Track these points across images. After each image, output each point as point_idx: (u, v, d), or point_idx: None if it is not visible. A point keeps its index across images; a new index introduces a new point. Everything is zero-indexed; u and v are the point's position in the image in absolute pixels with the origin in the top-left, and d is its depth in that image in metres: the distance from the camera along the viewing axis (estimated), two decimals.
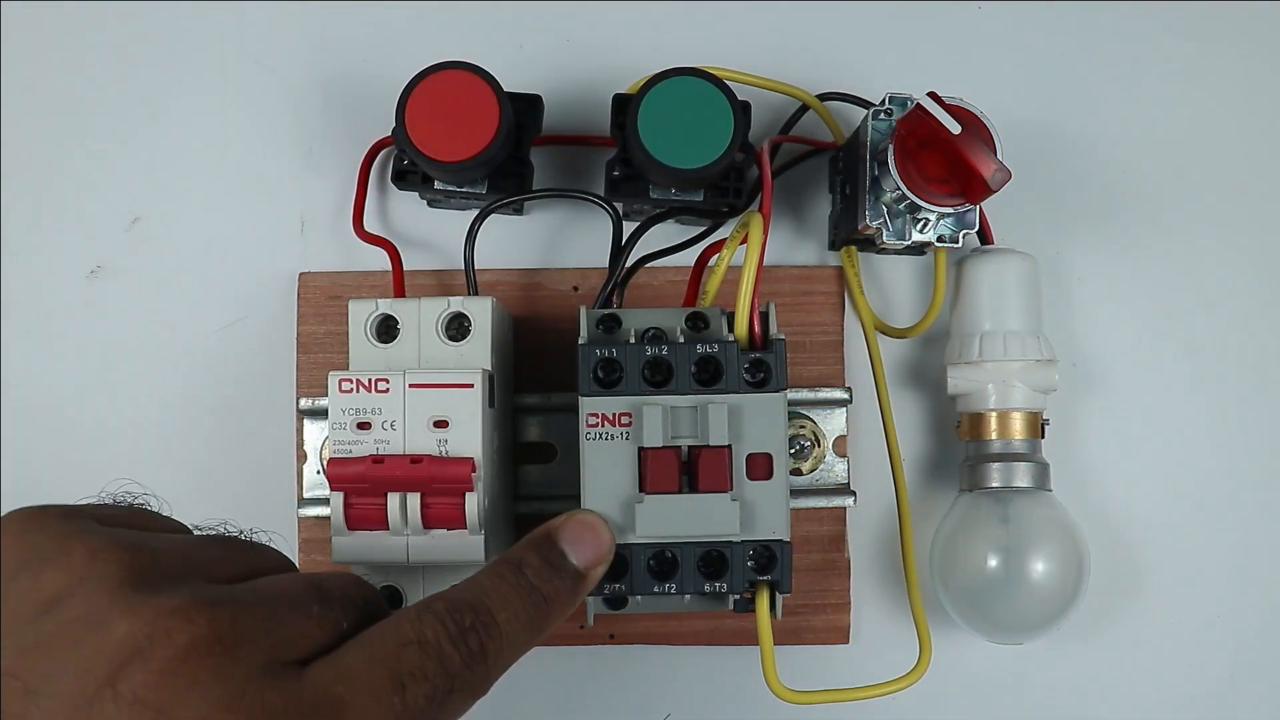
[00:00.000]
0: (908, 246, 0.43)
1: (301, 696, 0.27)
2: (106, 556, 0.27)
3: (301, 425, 0.45)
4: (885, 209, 0.42)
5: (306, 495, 0.45)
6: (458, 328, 0.41)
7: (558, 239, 0.48)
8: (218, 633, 0.27)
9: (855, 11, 0.49)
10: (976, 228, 0.42)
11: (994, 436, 0.45)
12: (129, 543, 0.28)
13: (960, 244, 0.42)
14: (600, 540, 0.36)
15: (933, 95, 0.39)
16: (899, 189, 0.40)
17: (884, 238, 0.42)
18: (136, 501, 0.32)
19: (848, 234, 0.45)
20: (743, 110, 0.42)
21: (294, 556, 0.46)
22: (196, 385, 0.47)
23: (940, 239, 0.42)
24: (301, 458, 0.45)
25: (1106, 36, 0.49)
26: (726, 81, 0.42)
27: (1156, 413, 0.48)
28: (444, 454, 0.38)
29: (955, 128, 0.38)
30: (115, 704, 0.26)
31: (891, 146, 0.40)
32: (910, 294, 0.48)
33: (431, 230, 0.48)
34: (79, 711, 0.26)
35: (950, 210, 0.41)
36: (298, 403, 0.45)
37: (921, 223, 0.42)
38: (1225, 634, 0.48)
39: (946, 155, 0.39)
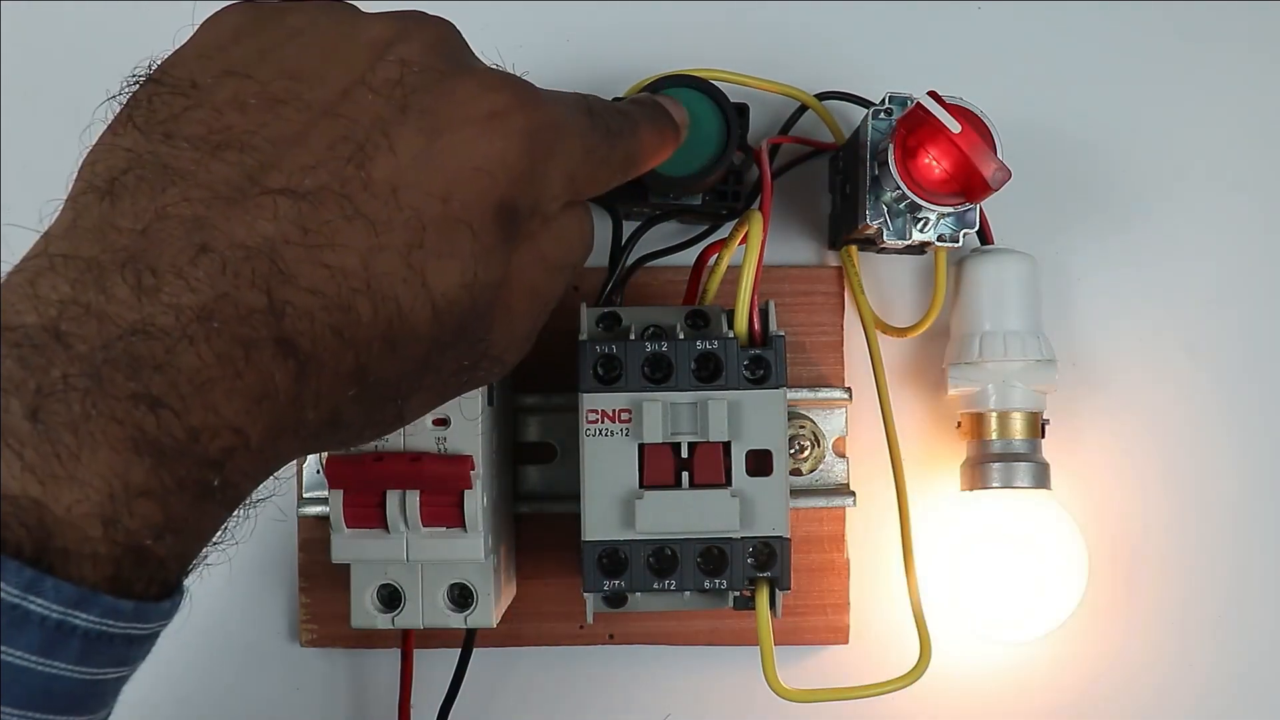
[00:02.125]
0: (908, 246, 0.43)
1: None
2: None
3: None
4: (886, 209, 0.42)
5: (306, 495, 0.45)
6: None
7: None
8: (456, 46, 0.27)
9: (854, 12, 0.49)
10: (977, 227, 0.42)
11: (994, 436, 0.45)
12: None
13: (961, 243, 0.42)
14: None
15: (933, 94, 0.39)
16: (899, 188, 0.40)
17: (885, 237, 0.42)
18: None
19: (848, 234, 0.45)
20: (740, 114, 0.42)
21: (294, 557, 0.46)
22: None
23: (941, 238, 0.42)
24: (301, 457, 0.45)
25: (1106, 36, 0.49)
26: (724, 82, 0.42)
27: (1156, 412, 0.48)
28: (443, 452, 0.38)
29: (955, 127, 0.38)
30: (372, 93, 0.25)
31: (892, 146, 0.40)
32: (910, 293, 0.48)
33: None
34: (327, 113, 0.24)
35: (951, 210, 0.41)
36: None
37: (922, 222, 0.42)
38: (1225, 634, 0.47)
39: (947, 155, 0.39)
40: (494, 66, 0.29)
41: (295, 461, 0.46)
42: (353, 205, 0.24)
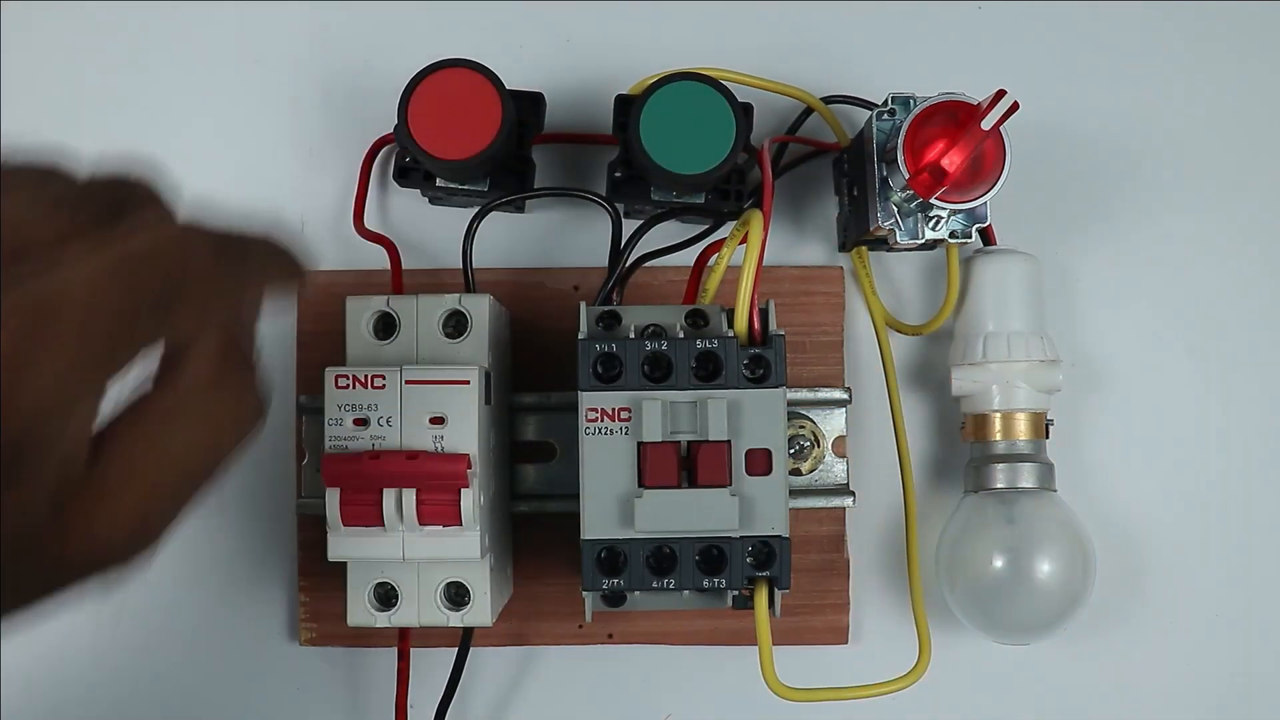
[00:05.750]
0: (921, 244, 0.43)
1: None
2: None
3: (301, 423, 0.45)
4: (896, 209, 0.42)
5: (305, 494, 0.45)
6: (455, 325, 0.41)
7: (558, 238, 0.48)
8: None
9: (855, 12, 0.49)
10: (988, 222, 0.42)
11: (998, 437, 0.44)
12: None
13: (973, 239, 0.42)
14: None
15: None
16: (908, 188, 0.40)
17: (897, 238, 0.42)
18: None
19: (858, 235, 0.45)
20: (744, 113, 0.42)
21: (294, 557, 0.46)
22: None
23: (953, 235, 0.42)
24: (301, 457, 0.45)
25: (1107, 37, 0.49)
26: (729, 84, 0.42)
27: (1160, 412, 0.48)
28: (440, 450, 0.38)
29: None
30: None
31: (901, 146, 0.40)
32: (917, 292, 0.48)
33: (431, 229, 0.48)
34: None
35: (962, 206, 0.41)
36: (298, 400, 0.45)
37: (934, 220, 0.42)
38: (1229, 633, 0.47)
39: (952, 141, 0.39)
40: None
41: (295, 461, 0.46)
42: None
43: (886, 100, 0.42)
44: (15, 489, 0.23)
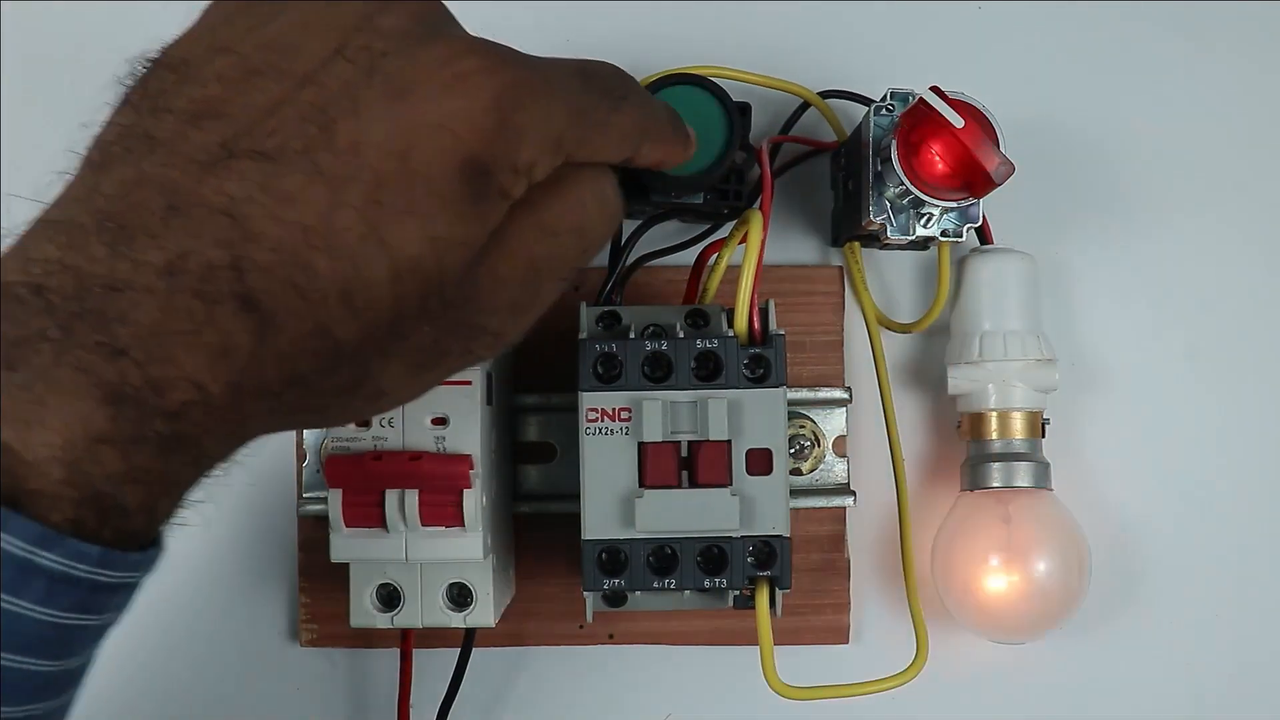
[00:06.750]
0: (911, 242, 0.43)
1: None
2: None
3: None
4: (889, 205, 0.42)
5: (306, 494, 0.45)
6: None
7: None
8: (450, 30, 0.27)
9: (855, 11, 0.49)
10: (980, 222, 0.42)
11: (994, 436, 0.44)
12: None
13: (964, 238, 0.42)
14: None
15: (935, 89, 0.39)
16: (902, 184, 0.40)
17: (888, 233, 0.42)
18: None
19: (851, 230, 0.45)
20: (741, 113, 0.42)
21: (294, 556, 0.46)
22: None
23: (944, 233, 0.42)
24: (301, 457, 0.45)
25: (1106, 36, 0.49)
26: (726, 80, 0.42)
27: (1157, 412, 0.48)
28: (442, 451, 0.38)
29: (958, 122, 0.38)
30: (345, 61, 0.25)
31: (894, 142, 0.40)
32: (912, 290, 0.48)
33: None
34: (301, 82, 0.25)
35: (954, 205, 0.41)
36: None
37: (925, 218, 0.42)
38: (1226, 633, 0.47)
39: (950, 150, 0.39)
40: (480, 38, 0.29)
41: (295, 461, 0.46)
42: (314, 165, 0.24)
43: (885, 95, 0.42)
44: (479, 202, 0.26)
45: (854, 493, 0.45)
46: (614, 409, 0.38)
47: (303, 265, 0.24)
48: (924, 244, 0.46)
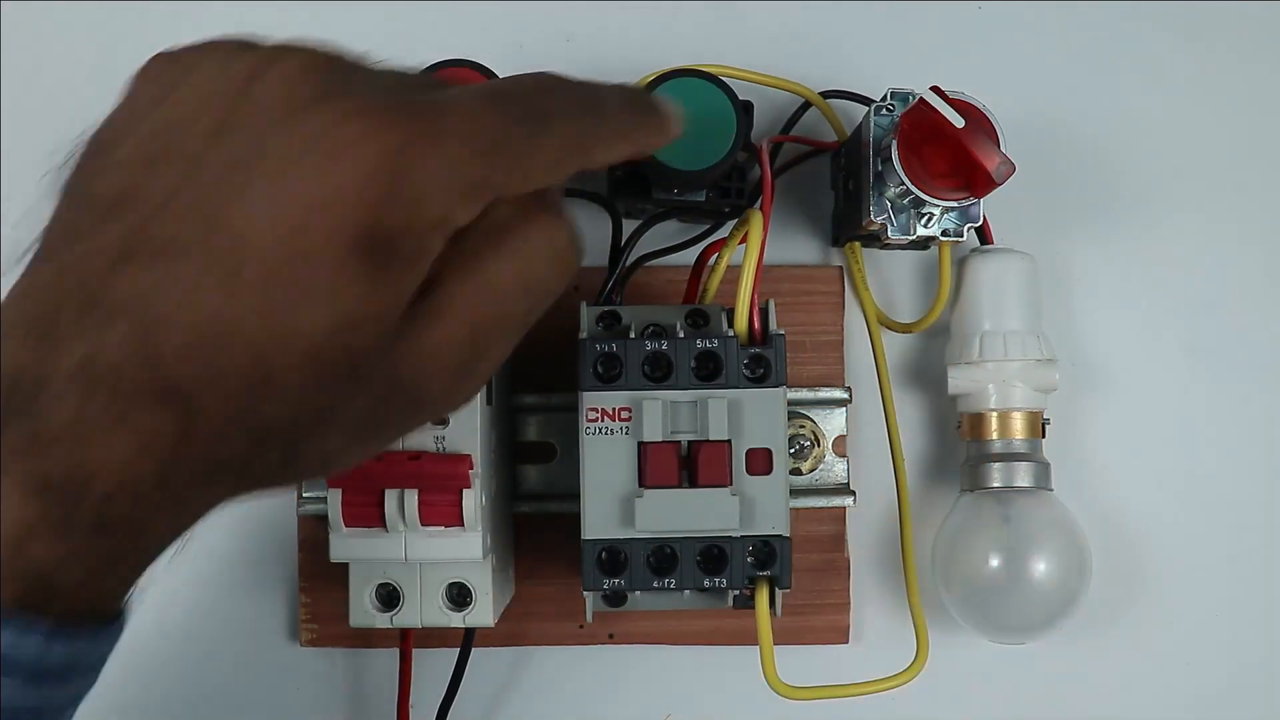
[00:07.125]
0: (912, 241, 0.43)
1: None
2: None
3: None
4: (889, 204, 0.42)
5: (306, 494, 0.45)
6: None
7: None
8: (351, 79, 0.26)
9: (855, 11, 0.49)
10: (981, 221, 0.42)
11: (995, 436, 0.44)
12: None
13: (965, 238, 0.42)
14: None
15: (935, 89, 0.39)
16: (903, 184, 0.40)
17: (889, 233, 0.42)
18: None
19: (851, 230, 0.45)
20: (745, 110, 0.42)
21: (294, 556, 0.46)
22: None
23: (945, 233, 0.42)
24: None
25: (1106, 36, 0.49)
26: (727, 80, 0.42)
27: (1157, 412, 0.48)
28: (442, 450, 0.38)
29: (959, 121, 0.38)
30: (231, 136, 0.25)
31: (895, 142, 0.40)
32: (912, 290, 0.48)
33: None
34: (194, 162, 0.25)
35: (955, 204, 0.41)
36: None
37: (926, 217, 0.42)
38: (1226, 633, 0.47)
39: (950, 150, 0.39)
40: (383, 75, 0.27)
41: None
42: (207, 256, 0.24)
43: (885, 95, 0.42)
44: (386, 272, 0.25)
45: (854, 493, 0.45)
46: (614, 409, 0.38)
47: (216, 352, 0.24)
48: (924, 244, 0.46)
